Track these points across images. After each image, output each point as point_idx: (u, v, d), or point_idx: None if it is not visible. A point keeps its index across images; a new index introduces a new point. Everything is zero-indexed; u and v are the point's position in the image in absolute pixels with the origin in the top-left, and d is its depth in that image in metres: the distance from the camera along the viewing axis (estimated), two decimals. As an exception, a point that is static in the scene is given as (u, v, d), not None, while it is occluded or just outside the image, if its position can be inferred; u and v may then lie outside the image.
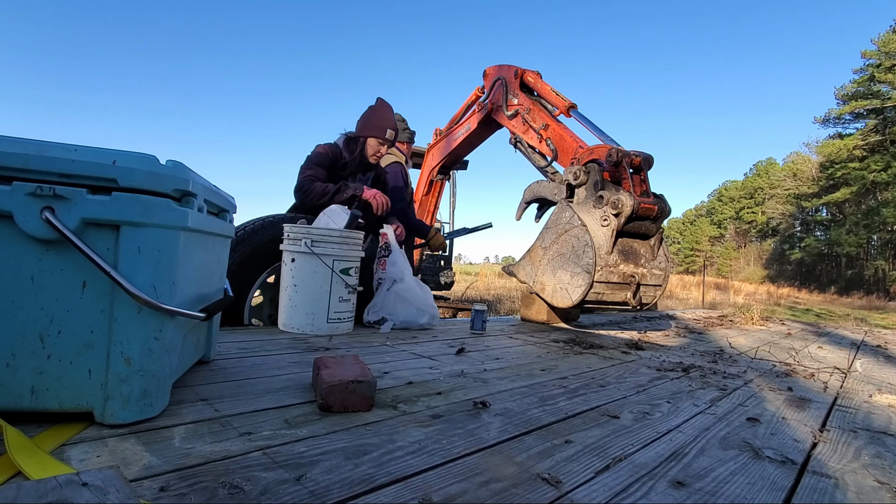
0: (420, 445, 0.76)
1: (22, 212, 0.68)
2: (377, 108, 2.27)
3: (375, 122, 2.21)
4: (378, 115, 2.23)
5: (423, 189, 4.45)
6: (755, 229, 43.85)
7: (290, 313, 1.74)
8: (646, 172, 2.22)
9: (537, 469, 0.70)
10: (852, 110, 31.01)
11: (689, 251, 49.98)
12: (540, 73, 2.93)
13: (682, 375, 1.47)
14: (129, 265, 0.73)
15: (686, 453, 0.82)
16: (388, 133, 2.20)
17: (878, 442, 0.96)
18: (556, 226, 2.24)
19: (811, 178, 35.45)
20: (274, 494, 0.57)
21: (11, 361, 0.69)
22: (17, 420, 0.70)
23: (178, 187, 0.77)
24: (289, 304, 1.74)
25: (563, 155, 2.55)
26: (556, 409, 1.02)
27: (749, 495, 0.68)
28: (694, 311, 4.64)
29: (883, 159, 28.70)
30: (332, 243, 1.74)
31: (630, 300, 2.17)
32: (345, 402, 0.89)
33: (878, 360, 2.12)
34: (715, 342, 2.34)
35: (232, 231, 1.17)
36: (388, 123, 2.21)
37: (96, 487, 0.46)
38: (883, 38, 28.55)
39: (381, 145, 2.22)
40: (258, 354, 1.33)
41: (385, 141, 2.21)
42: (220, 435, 0.74)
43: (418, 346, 1.67)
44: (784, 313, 11.44)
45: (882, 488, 0.74)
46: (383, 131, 2.19)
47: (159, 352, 0.76)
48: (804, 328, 3.52)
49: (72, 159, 0.70)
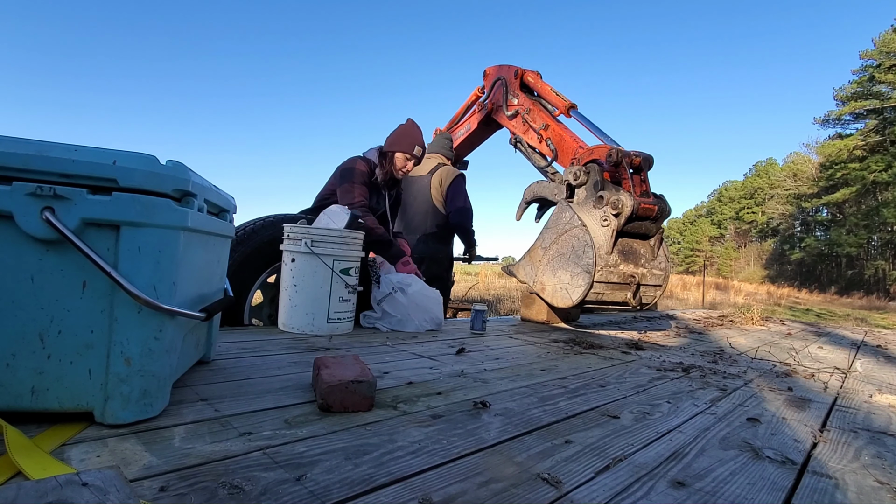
0: (420, 445, 0.76)
1: (22, 212, 0.68)
2: (407, 126, 2.39)
3: (405, 138, 2.32)
4: (407, 133, 2.35)
5: (424, 189, 4.45)
6: (755, 229, 43.87)
7: (290, 313, 1.74)
8: (646, 173, 2.22)
9: (537, 469, 0.70)
10: (852, 111, 31.01)
11: (689, 251, 49.99)
12: (540, 74, 2.94)
13: (682, 375, 1.47)
14: (129, 265, 0.73)
15: (686, 453, 0.82)
16: (416, 149, 2.31)
17: (878, 442, 0.96)
18: (556, 226, 2.24)
19: (811, 178, 35.45)
20: (274, 494, 0.57)
21: (12, 361, 0.69)
22: (17, 420, 0.70)
23: (178, 187, 0.77)
24: (289, 304, 1.74)
25: (563, 155, 2.55)
26: (556, 409, 1.02)
27: (749, 495, 0.68)
28: (694, 311, 4.63)
29: (883, 159, 28.70)
30: (332, 243, 1.74)
31: (630, 300, 2.17)
32: (345, 402, 0.89)
33: (879, 361, 2.12)
34: (715, 342, 2.34)
35: (232, 231, 1.17)
36: (416, 140, 2.33)
37: (96, 487, 0.46)
38: (883, 38, 28.55)
39: (407, 161, 2.32)
40: (258, 354, 1.33)
41: (412, 157, 2.32)
42: (220, 435, 0.74)
43: (418, 346, 1.67)
44: (784, 313, 11.44)
45: (882, 488, 0.74)
46: (412, 147, 2.30)
47: (159, 352, 0.76)
48: (804, 328, 3.52)
49: (72, 159, 0.70)
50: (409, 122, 2.42)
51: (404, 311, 1.98)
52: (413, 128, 2.39)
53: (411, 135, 2.34)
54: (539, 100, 2.85)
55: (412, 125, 2.40)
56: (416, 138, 2.33)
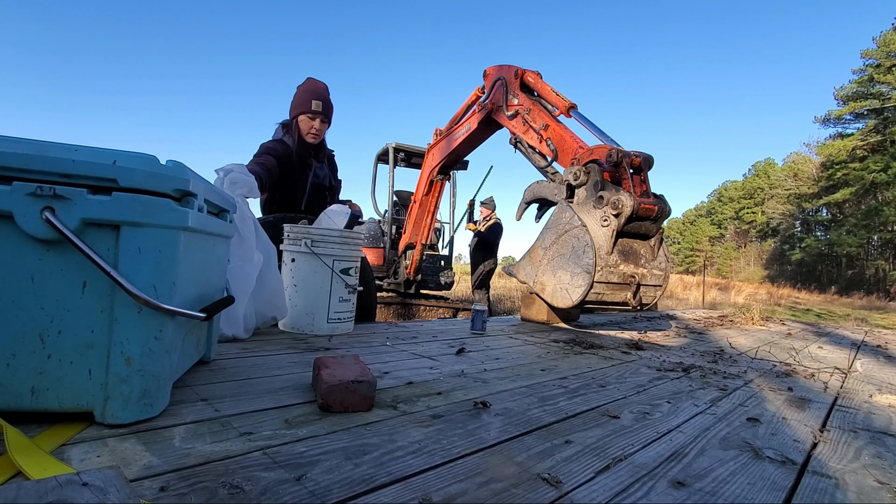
0: (420, 445, 0.76)
1: (22, 212, 0.68)
2: (302, 85, 2.15)
3: (301, 98, 2.09)
4: (301, 91, 2.12)
5: (424, 189, 4.46)
6: (755, 229, 43.85)
7: (290, 313, 1.74)
8: (646, 173, 2.22)
9: (537, 469, 0.70)
10: (852, 111, 31.00)
11: (689, 251, 49.97)
12: (540, 74, 2.93)
13: (683, 375, 1.47)
14: (129, 265, 0.73)
15: (686, 453, 0.82)
16: (314, 104, 2.06)
17: (878, 442, 0.96)
18: (557, 226, 2.24)
19: (812, 178, 35.44)
20: (274, 494, 0.57)
21: (12, 361, 0.69)
22: (18, 420, 0.70)
23: (178, 187, 0.77)
24: (289, 304, 1.74)
25: (563, 155, 2.55)
26: (556, 409, 1.02)
27: (749, 495, 0.68)
28: (694, 311, 4.63)
29: (883, 160, 28.69)
30: (332, 243, 1.74)
31: (630, 300, 2.17)
32: (345, 402, 0.89)
33: (879, 361, 2.12)
34: (715, 342, 2.34)
35: (232, 231, 1.17)
36: (313, 95, 2.08)
37: (96, 487, 0.46)
38: (883, 37, 28.54)
39: (311, 120, 2.09)
40: (258, 354, 1.33)
41: (315, 114, 2.07)
42: (221, 435, 0.74)
43: (418, 346, 1.67)
44: (784, 313, 11.43)
45: (882, 488, 0.74)
46: (309, 104, 2.06)
47: (159, 352, 0.76)
48: (804, 328, 3.51)
49: (72, 159, 0.70)
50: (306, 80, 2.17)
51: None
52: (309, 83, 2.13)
53: (308, 91, 2.09)
54: (539, 100, 2.84)
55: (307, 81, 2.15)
56: (314, 93, 2.08)
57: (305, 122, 2.09)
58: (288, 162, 2.12)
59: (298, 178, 2.21)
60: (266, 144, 2.10)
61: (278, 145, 2.10)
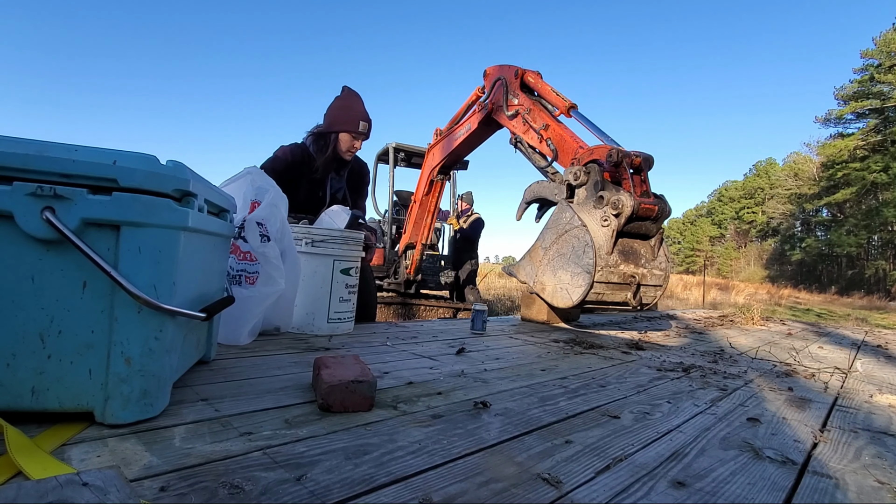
0: (420, 445, 0.76)
1: (22, 212, 0.68)
2: (345, 99, 2.09)
3: (346, 114, 2.05)
4: (347, 107, 2.07)
5: (424, 189, 4.46)
6: (755, 229, 43.84)
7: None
8: (646, 173, 2.22)
9: (537, 469, 0.70)
10: (852, 111, 30.99)
11: (689, 251, 49.96)
12: (540, 74, 2.93)
13: (683, 375, 1.47)
14: (129, 265, 0.73)
15: (686, 453, 0.82)
16: (361, 126, 2.04)
17: (878, 442, 0.96)
18: (557, 226, 2.24)
19: (812, 178, 35.43)
20: (274, 494, 0.57)
21: (12, 361, 0.69)
22: (18, 420, 0.70)
23: (178, 187, 0.77)
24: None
25: (563, 155, 2.55)
26: (556, 409, 1.02)
27: (749, 495, 0.68)
28: (694, 311, 4.63)
29: (883, 160, 28.67)
30: (332, 243, 1.74)
31: (630, 300, 2.17)
32: (345, 402, 0.89)
33: (879, 360, 2.12)
34: (715, 342, 2.34)
35: (232, 231, 1.17)
36: (359, 115, 2.05)
37: (96, 487, 0.46)
38: (884, 37, 28.52)
39: (354, 140, 2.07)
40: (258, 354, 1.33)
41: (358, 135, 2.06)
42: (221, 435, 0.74)
43: (418, 346, 1.67)
44: (784, 313, 11.43)
45: (883, 488, 0.74)
46: (356, 124, 2.03)
47: (159, 352, 0.76)
48: (805, 328, 3.51)
49: (72, 159, 0.70)
50: (346, 91, 2.10)
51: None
52: (352, 99, 2.08)
53: (352, 108, 2.04)
54: (539, 100, 2.84)
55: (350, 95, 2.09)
56: (359, 111, 2.04)
57: (347, 141, 2.06)
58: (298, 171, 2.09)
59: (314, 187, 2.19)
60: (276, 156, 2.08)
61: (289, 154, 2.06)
